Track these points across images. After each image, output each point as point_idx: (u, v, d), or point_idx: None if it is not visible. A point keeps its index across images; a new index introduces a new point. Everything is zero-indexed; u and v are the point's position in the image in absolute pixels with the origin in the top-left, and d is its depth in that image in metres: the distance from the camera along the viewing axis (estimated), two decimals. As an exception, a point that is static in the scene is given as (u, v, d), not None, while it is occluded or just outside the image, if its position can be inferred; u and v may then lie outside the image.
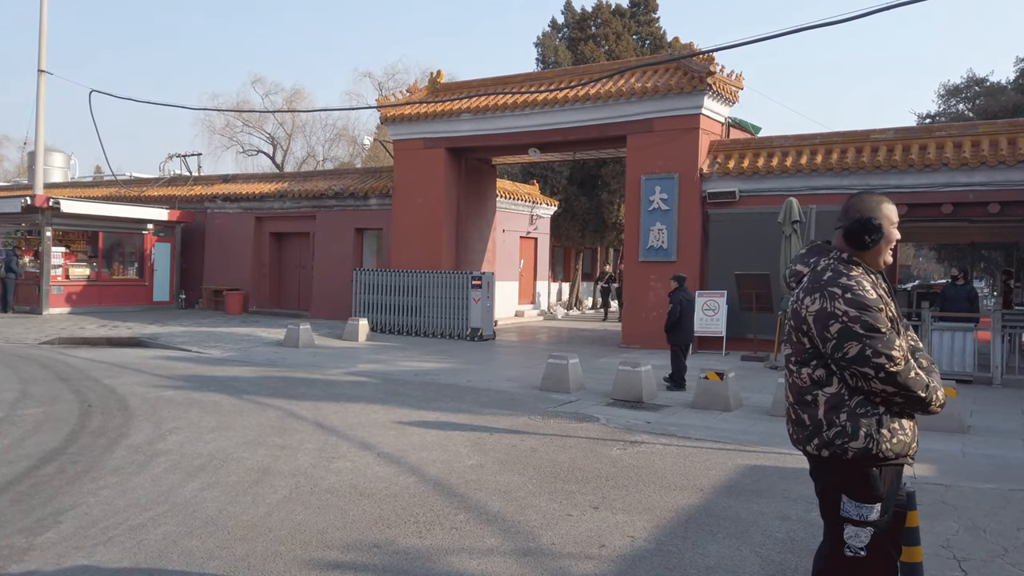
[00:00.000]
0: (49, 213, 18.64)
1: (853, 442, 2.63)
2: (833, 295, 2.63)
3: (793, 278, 2.92)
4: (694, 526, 4.87)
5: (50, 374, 10.50)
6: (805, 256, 2.91)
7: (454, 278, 16.38)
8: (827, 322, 2.63)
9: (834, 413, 2.66)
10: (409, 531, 4.65)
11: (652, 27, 31.34)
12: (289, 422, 7.74)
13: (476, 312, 15.96)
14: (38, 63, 18.58)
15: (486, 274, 16.17)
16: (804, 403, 2.76)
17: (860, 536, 2.68)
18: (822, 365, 2.70)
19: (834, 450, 2.66)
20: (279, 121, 39.86)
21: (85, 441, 6.73)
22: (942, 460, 6.69)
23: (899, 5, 9.09)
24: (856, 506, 2.67)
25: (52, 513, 4.82)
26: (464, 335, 16.08)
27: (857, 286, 2.64)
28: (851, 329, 2.59)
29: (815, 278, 2.74)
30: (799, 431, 2.79)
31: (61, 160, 31.93)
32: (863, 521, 2.67)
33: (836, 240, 2.85)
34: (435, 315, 16.49)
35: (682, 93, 14.60)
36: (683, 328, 10.31)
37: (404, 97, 18.98)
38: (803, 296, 2.75)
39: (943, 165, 12.84)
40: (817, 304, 2.66)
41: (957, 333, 11.27)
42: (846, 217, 2.81)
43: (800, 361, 2.77)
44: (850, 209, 2.82)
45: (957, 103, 30.91)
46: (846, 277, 2.67)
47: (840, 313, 2.60)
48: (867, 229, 2.74)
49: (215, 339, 14.93)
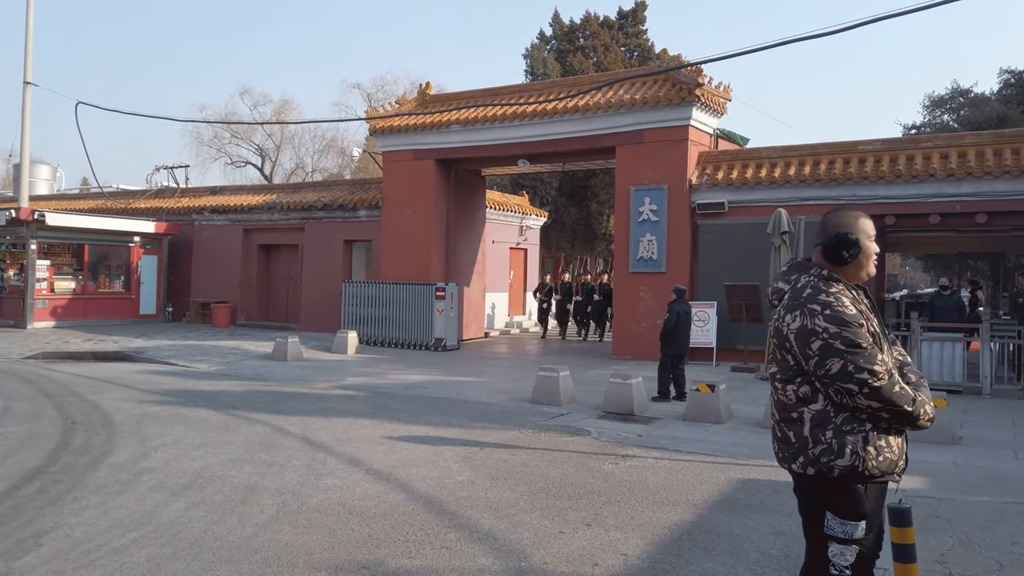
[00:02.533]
0: (34, 226, 18.45)
1: (839, 459, 2.61)
2: (813, 312, 2.62)
3: (775, 296, 2.91)
4: (688, 543, 4.81)
5: (33, 390, 10.34)
6: (786, 273, 2.90)
7: (421, 290, 16.47)
8: (808, 339, 2.62)
9: (820, 430, 2.64)
10: (399, 551, 4.57)
11: (640, 39, 31.55)
12: (277, 438, 7.63)
13: (440, 323, 16.19)
14: (24, 75, 18.44)
15: (449, 285, 16.33)
16: (790, 420, 2.74)
17: (845, 555, 2.65)
18: (806, 382, 2.69)
19: (820, 468, 2.64)
20: (268, 133, 39.82)
21: (68, 459, 6.61)
22: (935, 472, 6.66)
23: (883, 18, 9.13)
24: (841, 523, 2.65)
25: (32, 535, 4.70)
26: (429, 345, 16.22)
27: (836, 302, 2.63)
28: (832, 345, 2.58)
29: (795, 295, 2.74)
30: (784, 449, 2.78)
31: (47, 172, 31.66)
32: (848, 539, 2.64)
33: (816, 257, 2.83)
34: (407, 326, 16.60)
35: (671, 105, 14.64)
36: (676, 339, 10.29)
37: (393, 108, 18.95)
38: (784, 314, 2.75)
39: (930, 176, 12.92)
40: (798, 322, 2.66)
41: (946, 343, 11.29)
42: (824, 233, 2.80)
43: (785, 379, 2.76)
44: (827, 225, 2.81)
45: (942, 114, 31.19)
46: (825, 294, 2.66)
47: (820, 330, 2.59)
48: (845, 244, 2.73)
49: (202, 353, 14.78)
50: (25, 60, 18.40)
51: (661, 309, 14.78)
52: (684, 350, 10.52)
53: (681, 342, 10.39)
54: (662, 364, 10.38)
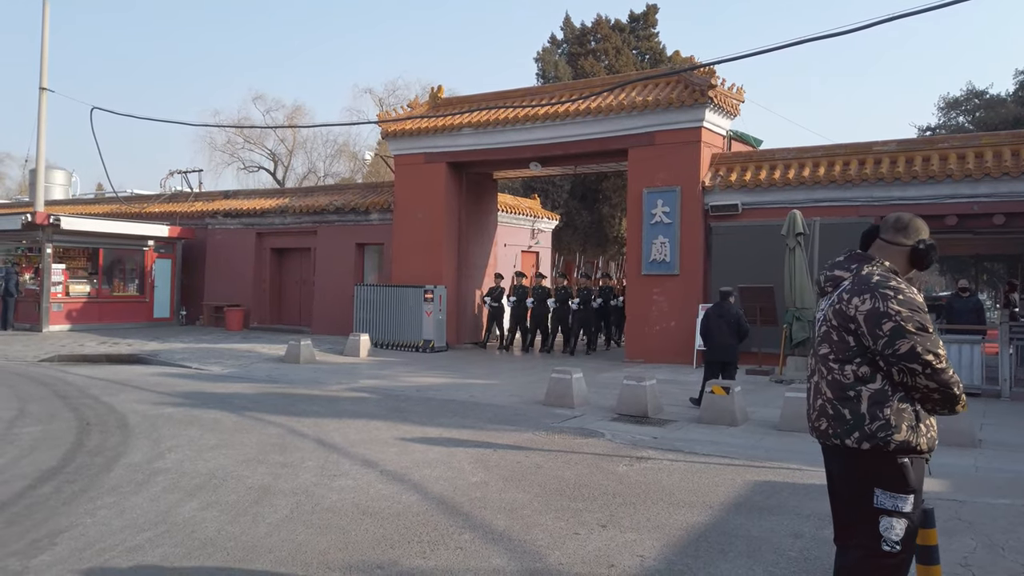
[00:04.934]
0: (50, 230, 18.59)
1: (896, 435, 2.80)
2: (886, 296, 2.83)
3: (829, 283, 3.09)
4: (705, 545, 4.75)
5: (48, 392, 10.39)
6: (845, 262, 3.07)
7: (413, 292, 16.65)
8: (880, 320, 2.81)
9: (877, 408, 2.83)
10: (413, 551, 4.54)
11: (652, 42, 31.49)
12: (290, 439, 7.63)
13: (429, 325, 16.41)
14: (40, 81, 18.60)
15: (438, 288, 16.49)
16: (846, 399, 2.90)
17: (896, 528, 2.81)
18: (867, 362, 2.88)
19: (876, 442, 2.81)
20: (280, 137, 40.02)
21: (83, 460, 6.62)
22: (956, 475, 6.56)
23: (896, 18, 9.05)
24: (892, 497, 2.82)
25: (48, 535, 4.70)
26: (418, 347, 16.48)
27: (908, 289, 2.87)
28: (904, 327, 2.78)
29: (862, 281, 2.92)
30: (838, 425, 2.92)
31: (62, 177, 31.94)
32: (899, 512, 2.81)
33: (885, 252, 3.03)
34: (408, 328, 16.76)
35: (683, 106, 14.58)
36: (709, 345, 9.86)
37: (405, 112, 18.99)
38: (849, 297, 2.92)
39: (947, 177, 12.79)
40: (868, 304, 2.84)
41: (964, 346, 11.16)
42: (905, 235, 3.02)
43: (843, 359, 2.93)
44: (916, 230, 3.04)
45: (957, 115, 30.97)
46: (896, 281, 2.89)
47: (893, 312, 2.80)
48: (935, 255, 3.03)
49: (215, 356, 14.83)
50: (41, 66, 18.56)
51: (674, 312, 14.74)
52: (720, 355, 9.78)
53: (714, 348, 9.80)
54: (705, 367, 10.08)
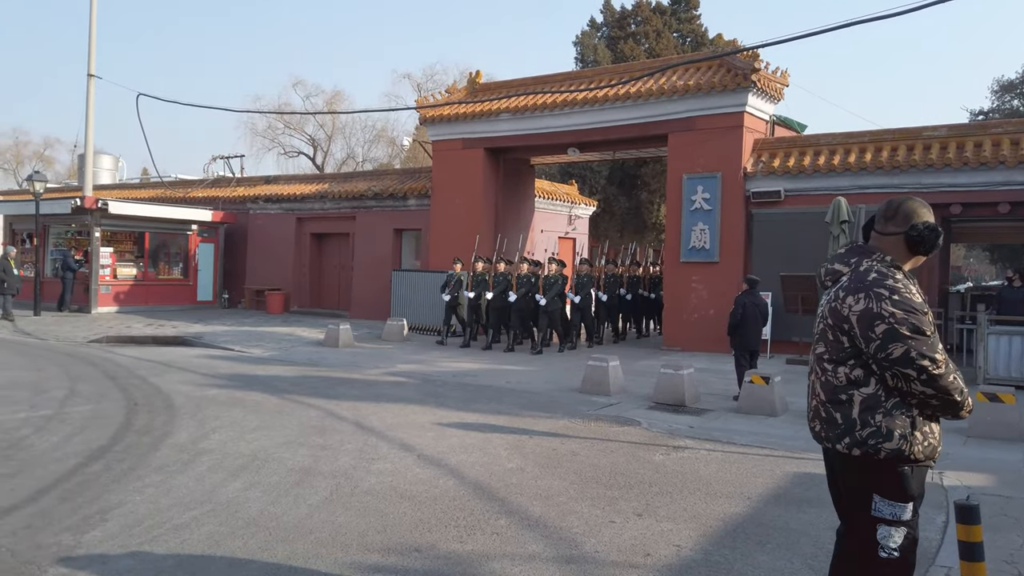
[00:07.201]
0: (98, 214, 19.09)
1: (887, 443, 2.64)
2: (880, 296, 2.63)
3: (829, 277, 2.91)
4: (742, 536, 4.72)
5: (98, 372, 10.71)
6: (845, 256, 2.89)
7: (438, 278, 16.22)
8: (872, 322, 2.62)
9: (869, 414, 2.67)
10: (450, 535, 4.59)
11: (693, 24, 30.94)
12: (329, 422, 7.76)
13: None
14: (88, 67, 19.04)
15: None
16: (838, 402, 2.75)
17: (894, 536, 2.70)
18: (860, 365, 2.70)
19: (866, 449, 2.67)
20: (319, 123, 40.39)
21: (131, 439, 6.83)
22: (1002, 470, 6.41)
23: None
24: (890, 505, 2.69)
25: (99, 511, 4.87)
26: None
27: (904, 288, 2.65)
28: (897, 331, 2.58)
29: (858, 278, 2.73)
30: (829, 429, 2.79)
31: (109, 162, 32.69)
32: (897, 520, 2.69)
33: (882, 243, 2.82)
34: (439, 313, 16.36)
35: (725, 91, 14.33)
36: (743, 333, 9.61)
37: (443, 98, 18.99)
38: (844, 295, 2.74)
39: (1000, 163, 12.38)
40: (862, 304, 2.65)
41: (1015, 337, 10.84)
42: (901, 222, 2.78)
43: (836, 360, 2.77)
44: (906, 214, 2.79)
45: (1012, 99, 29.90)
46: (892, 279, 2.67)
47: (887, 314, 2.60)
48: (937, 235, 2.75)
49: (257, 338, 15.11)
50: (89, 53, 18.98)
51: (713, 299, 14.57)
52: (752, 345, 9.74)
53: (748, 336, 9.63)
54: (735, 359, 9.94)
